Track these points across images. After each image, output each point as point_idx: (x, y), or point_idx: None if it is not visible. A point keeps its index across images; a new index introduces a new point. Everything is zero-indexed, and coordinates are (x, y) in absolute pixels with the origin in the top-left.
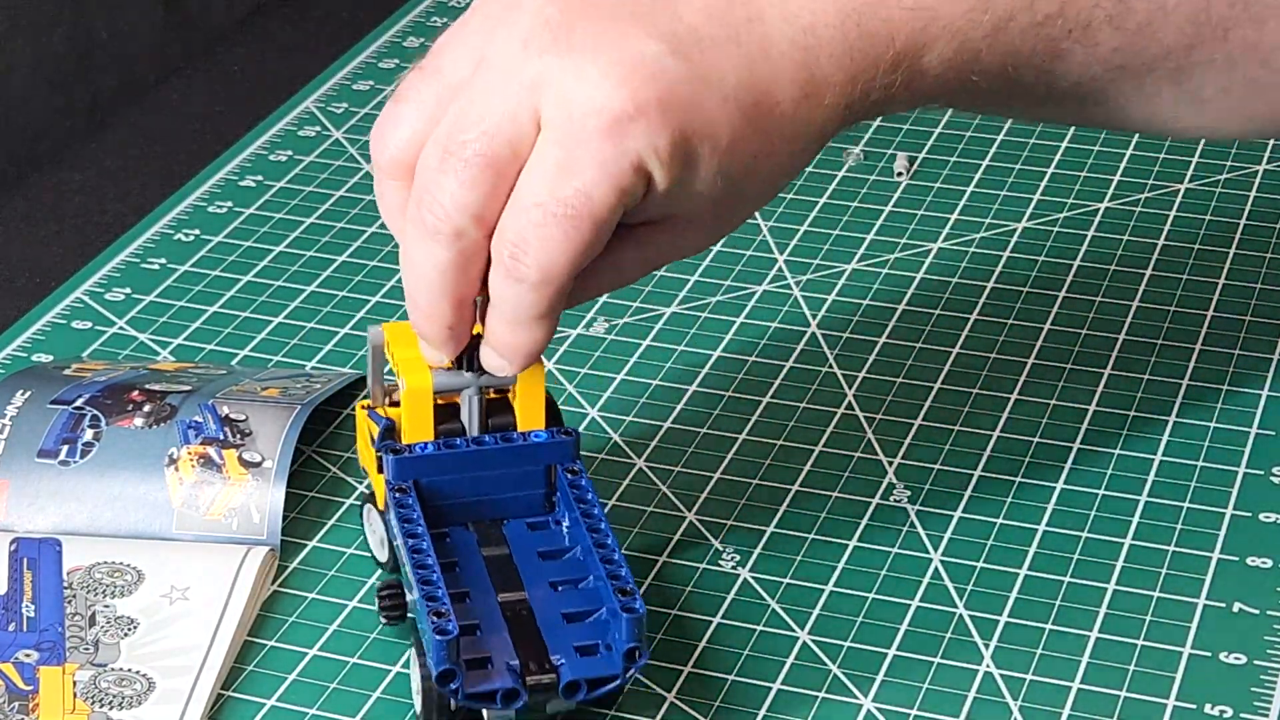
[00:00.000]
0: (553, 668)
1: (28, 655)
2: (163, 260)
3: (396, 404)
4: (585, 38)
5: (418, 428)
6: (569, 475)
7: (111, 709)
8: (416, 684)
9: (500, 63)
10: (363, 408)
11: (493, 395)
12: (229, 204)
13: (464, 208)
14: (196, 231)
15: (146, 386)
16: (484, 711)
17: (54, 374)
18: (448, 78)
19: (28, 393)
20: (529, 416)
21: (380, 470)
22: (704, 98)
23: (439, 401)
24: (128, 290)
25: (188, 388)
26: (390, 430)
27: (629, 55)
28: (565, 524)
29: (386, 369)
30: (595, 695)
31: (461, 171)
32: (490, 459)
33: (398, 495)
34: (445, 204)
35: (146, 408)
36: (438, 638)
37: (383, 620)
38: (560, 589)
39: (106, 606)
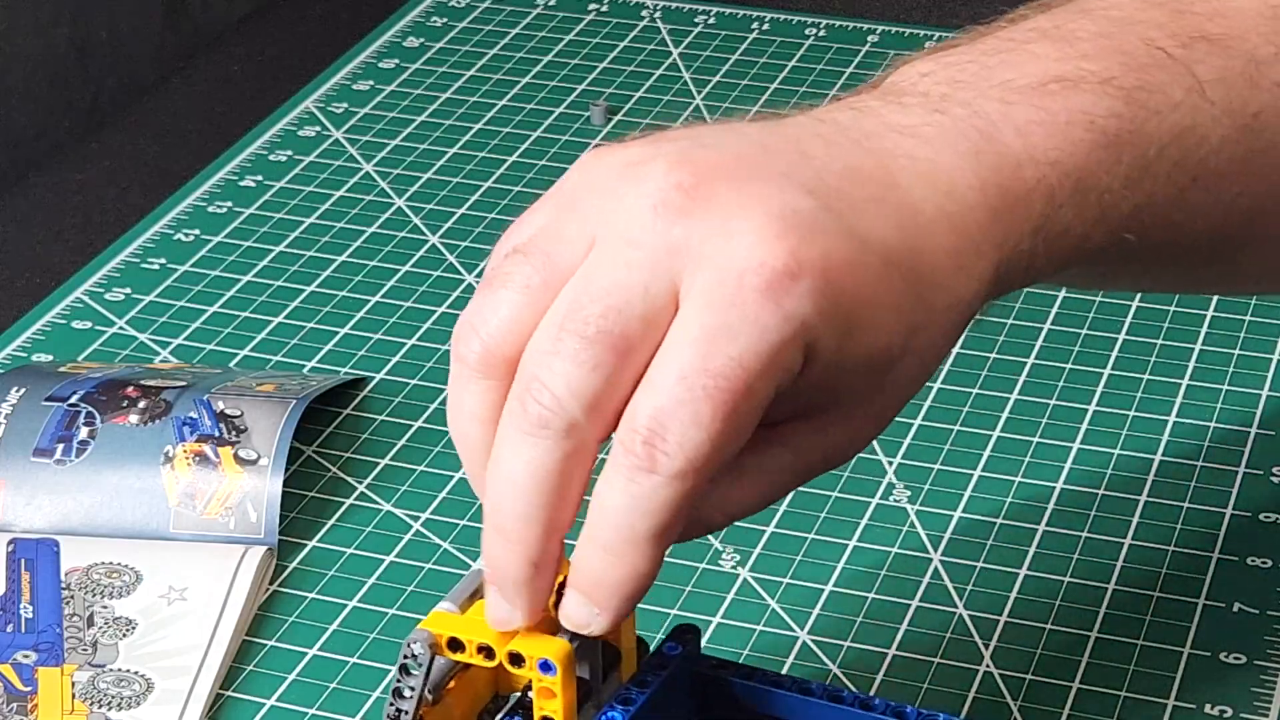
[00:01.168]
0: None
1: (26, 656)
2: (163, 260)
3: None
4: (728, 197)
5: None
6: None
7: (110, 709)
8: None
9: (626, 233)
10: None
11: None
12: (229, 204)
13: (580, 394)
14: (196, 231)
15: (141, 382)
16: None
17: (49, 371)
18: (558, 260)
19: (22, 390)
20: (627, 657)
21: None
22: (866, 258)
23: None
24: (128, 290)
25: (183, 383)
26: None
27: (783, 209)
28: None
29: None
30: None
31: (582, 351)
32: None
33: None
34: (557, 389)
35: (141, 404)
36: None
37: None
38: None
39: (105, 607)
